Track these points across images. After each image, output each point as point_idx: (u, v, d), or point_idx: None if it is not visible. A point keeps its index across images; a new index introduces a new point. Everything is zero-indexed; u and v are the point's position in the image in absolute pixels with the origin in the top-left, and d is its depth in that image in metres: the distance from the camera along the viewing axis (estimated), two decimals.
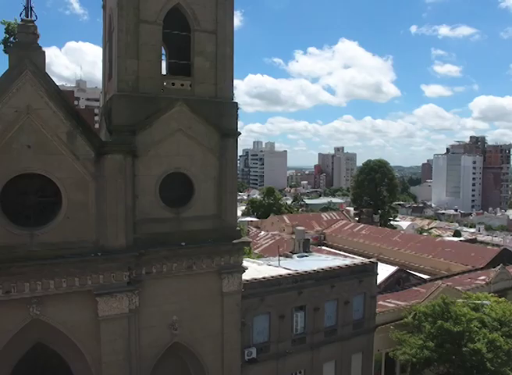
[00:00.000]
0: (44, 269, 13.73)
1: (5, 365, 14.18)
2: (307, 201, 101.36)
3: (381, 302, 24.21)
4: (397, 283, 27.87)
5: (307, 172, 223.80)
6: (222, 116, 16.78)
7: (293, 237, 28.69)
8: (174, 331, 16.31)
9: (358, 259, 24.47)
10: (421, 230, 59.38)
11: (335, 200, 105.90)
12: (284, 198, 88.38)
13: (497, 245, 45.87)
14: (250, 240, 18.53)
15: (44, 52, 13.68)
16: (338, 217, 53.13)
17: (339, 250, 42.04)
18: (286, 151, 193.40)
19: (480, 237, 50.87)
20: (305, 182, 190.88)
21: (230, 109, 17.02)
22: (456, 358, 20.10)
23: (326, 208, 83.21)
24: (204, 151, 16.53)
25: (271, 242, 39.70)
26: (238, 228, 17.65)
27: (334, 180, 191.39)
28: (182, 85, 16.25)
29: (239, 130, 17.51)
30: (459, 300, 21.87)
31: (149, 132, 15.45)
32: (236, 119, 17.25)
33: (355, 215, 55.16)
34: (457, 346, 19.84)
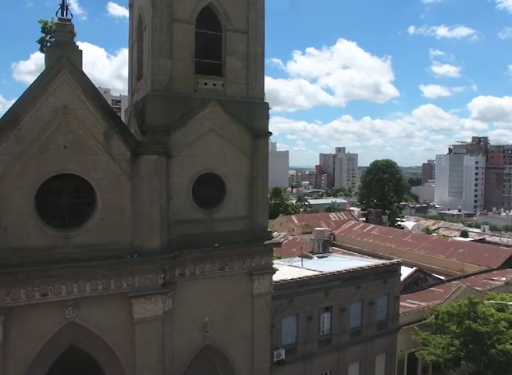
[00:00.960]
0: (80, 272, 13.55)
1: (40, 368, 14.00)
2: (311, 202, 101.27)
3: (401, 303, 24.17)
4: (415, 283, 27.84)
5: (307, 172, 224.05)
6: (254, 116, 16.65)
7: (311, 237, 28.61)
8: (206, 333, 16.16)
9: (377, 260, 24.38)
10: (427, 231, 59.43)
11: (339, 200, 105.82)
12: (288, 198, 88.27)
13: (506, 245, 45.92)
14: (281, 241, 18.39)
15: (81, 51, 13.50)
16: (346, 217, 53.12)
17: (349, 250, 42.04)
18: (287, 151, 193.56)
19: (488, 238, 50.93)
20: (306, 182, 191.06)
21: (261, 110, 16.89)
22: (483, 359, 20.08)
23: (330, 208, 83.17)
24: (236, 151, 16.40)
25: (284, 243, 39.51)
26: (269, 229, 17.52)
27: (335, 181, 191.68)
28: (214, 85, 16.11)
29: None
30: (485, 301, 21.83)
31: (183, 132, 15.31)
32: (267, 119, 17.14)
33: (362, 215, 55.14)
34: (485, 346, 19.81)
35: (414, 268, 27.91)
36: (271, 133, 17.20)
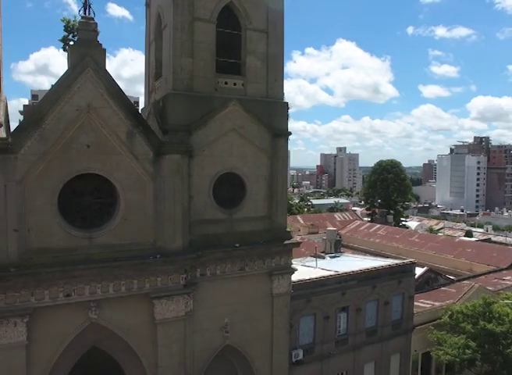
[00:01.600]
0: (103, 272, 13.44)
1: (62, 369, 13.89)
2: (314, 202, 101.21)
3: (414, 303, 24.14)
4: (426, 283, 27.81)
5: (307, 172, 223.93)
6: (274, 115, 16.58)
7: (323, 237, 28.57)
8: (226, 334, 16.08)
9: (391, 260, 24.34)
10: (431, 231, 59.47)
11: (342, 200, 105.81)
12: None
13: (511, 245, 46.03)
14: (301, 241, 18.34)
15: (104, 50, 13.42)
16: (351, 218, 53.09)
17: (356, 250, 41.99)
18: (288, 151, 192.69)
19: (493, 238, 51.01)
20: (307, 182, 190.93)
21: (281, 109, 16.83)
22: (498, 359, 20.06)
23: (333, 208, 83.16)
24: (256, 151, 16.33)
25: None
26: (288, 229, 17.46)
27: (336, 181, 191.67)
28: (234, 84, 16.03)
29: None
30: (500, 300, 21.84)
31: (204, 131, 15.22)
32: (287, 119, 17.08)
33: (367, 215, 55.09)
34: (501, 346, 19.80)
35: (425, 268, 27.88)
36: (290, 133, 17.14)
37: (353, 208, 79.24)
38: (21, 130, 12.48)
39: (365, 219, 56.61)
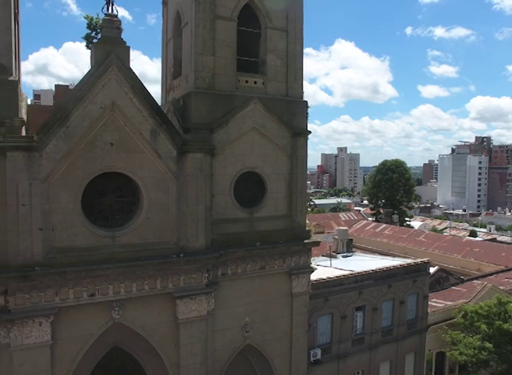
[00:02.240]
0: (127, 272, 13.35)
1: (84, 369, 13.79)
2: (316, 202, 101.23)
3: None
4: (437, 282, 27.82)
5: (308, 172, 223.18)
6: (293, 114, 16.53)
7: (335, 236, 28.54)
8: (246, 333, 16.02)
9: (405, 259, 24.33)
10: (435, 230, 59.51)
11: (344, 200, 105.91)
12: None
13: None
14: (320, 240, 18.28)
15: (128, 47, 13.31)
16: (356, 217, 53.08)
17: (362, 250, 41.97)
18: None
19: (499, 237, 51.09)
20: (308, 182, 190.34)
21: (301, 108, 16.77)
22: None
23: (336, 208, 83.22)
24: (276, 150, 16.26)
25: None
26: (307, 228, 17.41)
27: (337, 181, 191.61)
28: (255, 83, 15.97)
29: None
30: None
31: (225, 130, 15.15)
32: (307, 118, 17.04)
33: (371, 215, 55.06)
34: None
35: (436, 267, 27.88)
36: (310, 132, 17.09)
37: (355, 208, 79.18)
38: (46, 128, 12.37)
39: (370, 219, 56.59)
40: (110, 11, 13.48)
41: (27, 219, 12.18)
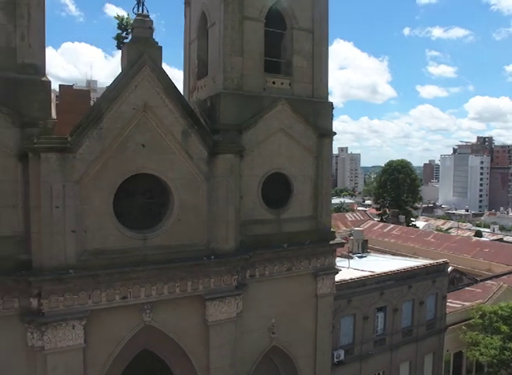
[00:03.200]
0: (159, 274, 13.27)
1: (114, 372, 13.68)
2: None
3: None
4: (451, 283, 27.87)
5: None
6: (319, 115, 16.48)
7: (350, 237, 28.55)
8: (272, 335, 15.97)
9: (424, 260, 24.36)
10: (440, 231, 59.66)
11: (346, 200, 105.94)
12: None
13: None
14: (345, 241, 18.27)
15: (160, 48, 13.23)
16: (362, 218, 53.17)
17: (371, 250, 42.02)
18: None
19: (505, 238, 51.31)
20: None
21: (326, 109, 16.72)
22: None
23: (339, 208, 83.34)
24: (303, 151, 16.22)
25: None
26: (332, 229, 17.39)
27: (338, 181, 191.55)
28: (282, 84, 15.92)
29: None
30: None
31: (253, 131, 15.08)
32: (332, 119, 17.00)
33: (377, 215, 55.13)
34: None
35: (451, 267, 27.91)
36: (335, 133, 17.06)
37: (359, 208, 79.31)
38: (80, 129, 12.27)
39: (375, 219, 56.65)
40: (140, 11, 13.41)
41: (61, 221, 12.08)
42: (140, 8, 13.42)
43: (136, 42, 13.00)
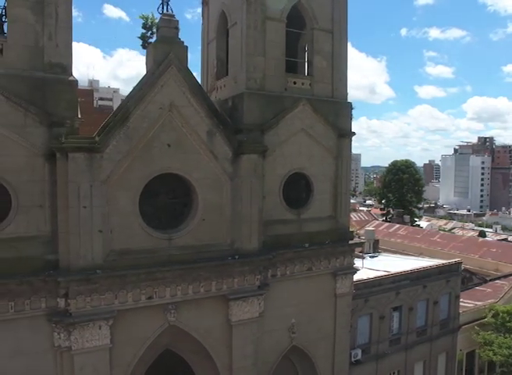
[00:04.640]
0: (184, 274, 13.27)
1: (138, 372, 13.67)
2: None
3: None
4: (462, 282, 27.96)
5: None
6: (339, 116, 16.53)
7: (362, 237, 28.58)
8: (292, 334, 16.01)
9: (436, 260, 24.45)
10: (443, 231, 59.82)
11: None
12: None
13: None
14: (364, 241, 18.33)
15: (186, 47, 13.23)
16: (366, 218, 53.25)
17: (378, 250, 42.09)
18: None
19: (510, 238, 51.51)
20: None
21: (346, 109, 16.78)
22: None
23: None
24: (323, 151, 16.26)
25: None
26: (351, 229, 17.43)
27: None
28: (302, 84, 15.95)
29: None
30: None
31: (275, 131, 15.10)
32: (351, 119, 17.05)
33: (381, 215, 55.26)
34: None
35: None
36: (354, 134, 17.11)
37: (361, 208, 79.38)
38: (107, 129, 12.26)
39: (379, 219, 56.71)
40: (165, 11, 13.40)
41: (88, 221, 12.06)
42: (165, 8, 13.45)
43: (163, 42, 13.01)
